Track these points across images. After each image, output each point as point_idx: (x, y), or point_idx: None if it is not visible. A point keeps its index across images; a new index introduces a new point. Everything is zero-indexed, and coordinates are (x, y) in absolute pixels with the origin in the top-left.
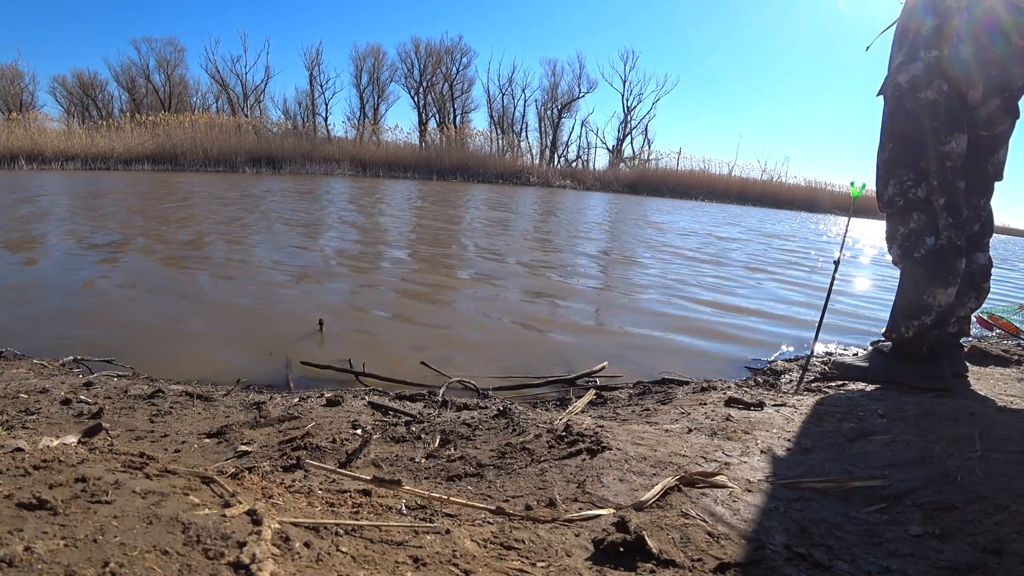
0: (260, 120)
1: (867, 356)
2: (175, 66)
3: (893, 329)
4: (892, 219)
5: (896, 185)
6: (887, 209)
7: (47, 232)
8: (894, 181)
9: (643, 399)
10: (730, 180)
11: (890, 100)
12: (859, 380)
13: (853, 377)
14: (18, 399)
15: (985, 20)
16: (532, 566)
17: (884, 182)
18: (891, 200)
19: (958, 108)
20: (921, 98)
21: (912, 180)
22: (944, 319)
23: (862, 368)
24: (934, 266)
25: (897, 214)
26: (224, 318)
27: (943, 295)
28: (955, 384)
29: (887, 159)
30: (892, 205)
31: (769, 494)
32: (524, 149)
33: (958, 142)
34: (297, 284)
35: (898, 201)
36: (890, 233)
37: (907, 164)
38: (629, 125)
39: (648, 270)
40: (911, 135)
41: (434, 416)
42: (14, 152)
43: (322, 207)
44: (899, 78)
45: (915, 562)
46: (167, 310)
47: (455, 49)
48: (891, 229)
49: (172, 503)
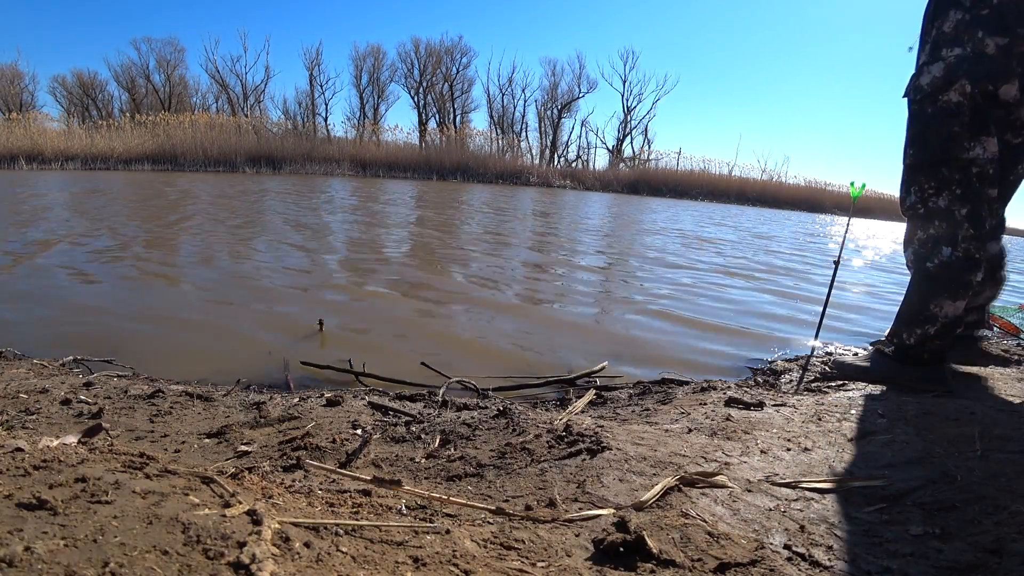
0: (260, 120)
1: (868, 356)
2: (175, 66)
3: (895, 334)
4: (911, 223)
5: (917, 192)
6: (907, 214)
7: (47, 232)
8: (915, 188)
9: (643, 399)
10: (730, 180)
11: (912, 103)
12: (859, 380)
13: (853, 376)
14: (18, 399)
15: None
16: (532, 566)
17: (906, 188)
18: (912, 207)
19: (986, 109)
20: (943, 101)
21: (933, 188)
22: (949, 330)
23: (862, 368)
24: (947, 278)
25: (916, 220)
26: (224, 318)
27: (951, 307)
28: (954, 385)
29: (909, 165)
30: (912, 212)
31: (769, 494)
32: (524, 149)
33: (985, 147)
34: (297, 284)
35: (919, 209)
36: (908, 236)
37: (928, 171)
38: (629, 125)
39: (648, 271)
40: (932, 141)
41: (434, 416)
42: (14, 152)
43: (322, 208)
44: (921, 80)
45: (915, 562)
46: (167, 310)
47: (455, 49)
48: (909, 232)
49: (172, 503)
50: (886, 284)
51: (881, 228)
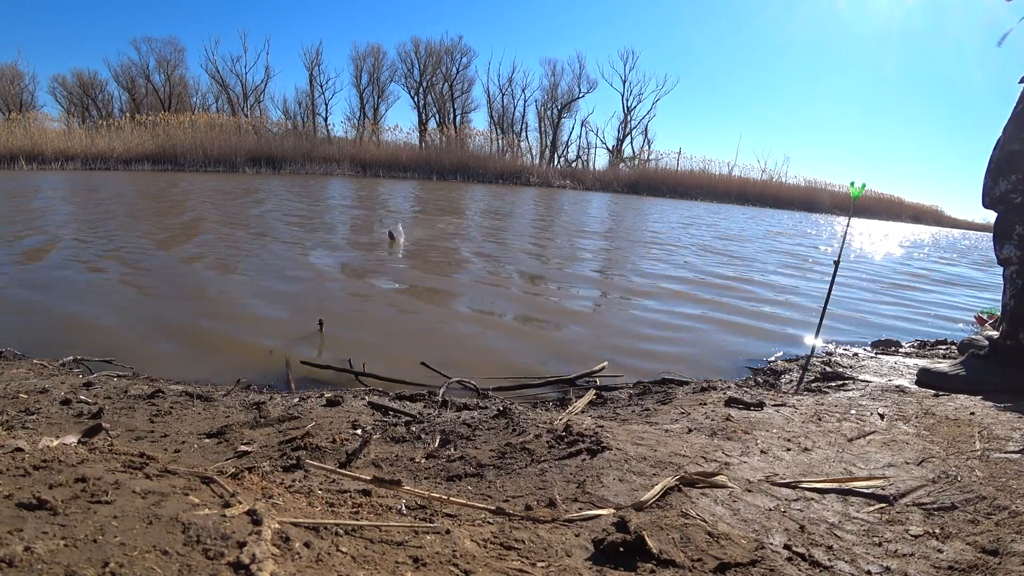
0: (260, 120)
1: (964, 364)
2: (175, 66)
3: (1009, 336)
4: (1008, 216)
5: (1017, 181)
6: (998, 207)
7: (46, 232)
8: (1017, 176)
9: (643, 399)
10: (730, 180)
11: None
12: (964, 392)
13: (957, 390)
14: (18, 399)
15: None
16: (532, 566)
17: (996, 177)
18: (1003, 197)
19: None
20: None
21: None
22: None
23: (964, 378)
24: None
25: (1013, 211)
26: (224, 318)
27: None
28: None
29: (1017, 151)
30: (1006, 203)
31: (769, 494)
32: (524, 149)
33: None
34: (297, 284)
35: (1014, 198)
36: (1003, 232)
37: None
38: (629, 125)
39: (649, 271)
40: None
41: (434, 416)
42: (14, 152)
43: (322, 207)
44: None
45: (915, 562)
46: (167, 310)
47: (455, 49)
48: (1005, 228)
49: (172, 503)
50: (886, 284)
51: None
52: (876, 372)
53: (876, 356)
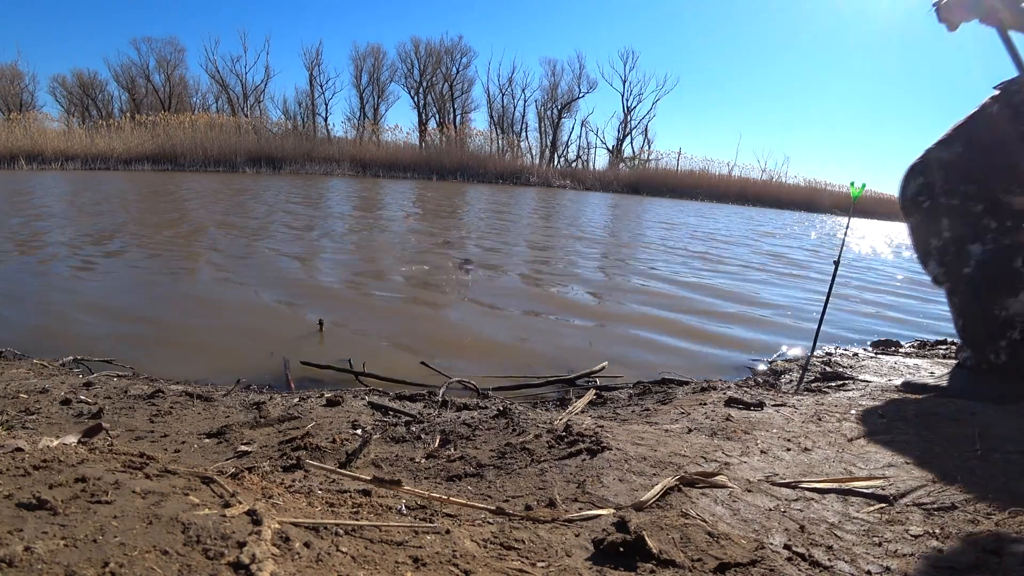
0: (260, 120)
1: (952, 375)
2: (175, 66)
3: (979, 356)
4: (919, 228)
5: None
6: (910, 210)
7: (46, 232)
8: (924, 180)
9: (643, 399)
10: (730, 180)
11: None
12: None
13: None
14: (18, 399)
15: None
16: (532, 566)
17: (908, 177)
18: (914, 198)
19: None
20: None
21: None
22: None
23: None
24: (992, 275)
25: (924, 218)
26: (224, 318)
27: (1017, 303)
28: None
29: (935, 155)
30: (915, 205)
31: (769, 494)
32: (524, 149)
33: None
34: (297, 284)
35: (922, 201)
36: (921, 246)
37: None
38: (629, 125)
39: (649, 271)
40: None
41: (434, 416)
42: (14, 152)
43: (322, 207)
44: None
45: (915, 562)
46: (167, 310)
47: (455, 49)
48: (921, 241)
49: (172, 503)
50: (885, 284)
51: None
52: (876, 372)
53: (876, 356)
